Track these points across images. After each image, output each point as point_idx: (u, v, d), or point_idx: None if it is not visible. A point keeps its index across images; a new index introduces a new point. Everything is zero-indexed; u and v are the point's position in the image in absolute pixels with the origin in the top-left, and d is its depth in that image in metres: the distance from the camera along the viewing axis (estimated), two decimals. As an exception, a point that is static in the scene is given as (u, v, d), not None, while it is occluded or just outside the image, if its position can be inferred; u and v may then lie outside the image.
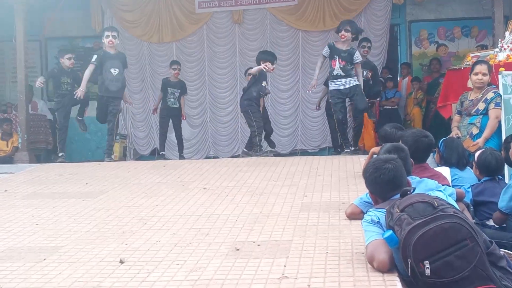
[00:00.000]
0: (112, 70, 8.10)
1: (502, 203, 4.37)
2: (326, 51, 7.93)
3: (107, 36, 8.16)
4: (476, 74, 6.09)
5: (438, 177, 4.26)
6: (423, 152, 4.33)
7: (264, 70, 7.85)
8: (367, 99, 8.20)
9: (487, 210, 4.56)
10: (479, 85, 6.12)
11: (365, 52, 8.72)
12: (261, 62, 7.95)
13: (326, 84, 8.57)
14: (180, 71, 9.37)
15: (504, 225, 4.43)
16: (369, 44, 8.84)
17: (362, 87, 7.87)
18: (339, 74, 7.76)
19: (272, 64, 7.98)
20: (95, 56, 8.20)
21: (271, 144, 8.73)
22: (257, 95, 7.97)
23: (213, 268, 3.25)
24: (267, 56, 8.18)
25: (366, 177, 3.38)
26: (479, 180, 4.93)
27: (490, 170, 4.79)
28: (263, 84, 8.00)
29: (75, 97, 8.21)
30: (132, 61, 10.74)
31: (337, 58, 7.76)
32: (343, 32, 7.80)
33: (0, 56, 11.46)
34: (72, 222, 4.52)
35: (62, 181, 6.29)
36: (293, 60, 10.49)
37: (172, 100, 9.11)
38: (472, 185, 4.76)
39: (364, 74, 8.41)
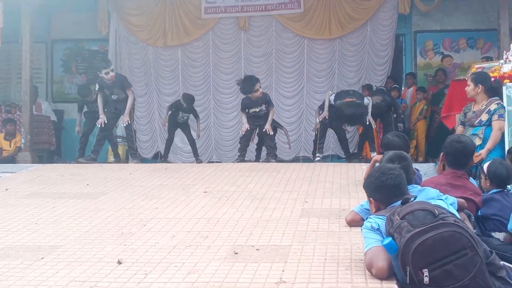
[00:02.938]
0: (112, 97, 8.68)
1: (511, 225, 4.34)
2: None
3: (107, 73, 8.51)
4: None
5: (470, 190, 4.32)
6: (454, 157, 4.41)
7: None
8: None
9: (495, 223, 4.52)
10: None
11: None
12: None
13: (321, 107, 8.77)
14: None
15: None
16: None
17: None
18: None
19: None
20: (97, 85, 8.73)
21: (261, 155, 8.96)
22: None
23: (211, 271, 3.24)
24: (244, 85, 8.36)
25: (370, 181, 3.34)
26: (487, 192, 4.87)
27: (501, 180, 4.75)
28: (250, 111, 8.37)
29: (97, 125, 8.73)
30: (137, 65, 10.78)
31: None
32: None
33: (6, 57, 11.50)
34: (72, 222, 4.51)
35: (63, 182, 6.29)
36: (298, 68, 10.49)
37: (182, 119, 9.21)
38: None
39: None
